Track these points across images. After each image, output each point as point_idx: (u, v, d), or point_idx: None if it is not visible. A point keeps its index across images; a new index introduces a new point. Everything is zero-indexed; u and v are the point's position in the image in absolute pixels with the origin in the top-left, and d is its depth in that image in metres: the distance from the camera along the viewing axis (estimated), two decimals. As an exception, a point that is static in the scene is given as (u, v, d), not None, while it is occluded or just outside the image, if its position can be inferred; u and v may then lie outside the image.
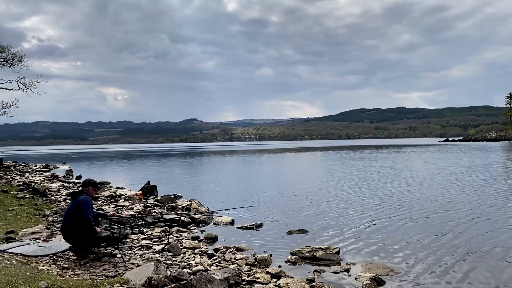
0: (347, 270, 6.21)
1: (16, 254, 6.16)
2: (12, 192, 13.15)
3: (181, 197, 13.77)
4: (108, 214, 7.18)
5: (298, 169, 29.03)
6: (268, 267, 6.18)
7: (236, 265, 6.22)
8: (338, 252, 6.90)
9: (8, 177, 19.42)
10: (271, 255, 6.86)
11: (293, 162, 37.52)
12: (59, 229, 8.34)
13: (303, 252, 6.87)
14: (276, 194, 15.12)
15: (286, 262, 6.67)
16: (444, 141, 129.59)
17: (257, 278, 5.60)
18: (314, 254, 6.76)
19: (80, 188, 6.92)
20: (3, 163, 27.13)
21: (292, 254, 6.91)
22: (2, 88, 23.78)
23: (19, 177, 20.44)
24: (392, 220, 9.93)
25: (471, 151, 49.50)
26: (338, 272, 6.14)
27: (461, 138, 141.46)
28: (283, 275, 5.81)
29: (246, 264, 6.30)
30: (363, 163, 31.16)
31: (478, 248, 7.30)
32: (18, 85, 23.71)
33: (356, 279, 5.81)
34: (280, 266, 6.31)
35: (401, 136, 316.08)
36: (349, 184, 17.51)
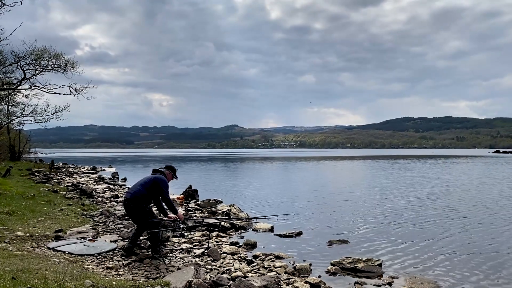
0: (390, 284, 6.01)
1: (64, 252, 6.41)
2: (61, 192, 13.76)
3: (221, 202, 13.88)
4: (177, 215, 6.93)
5: (337, 177, 28.58)
6: (307, 277, 6.09)
7: (275, 273, 6.17)
8: (380, 265, 6.70)
9: (59, 177, 20.35)
10: (310, 264, 6.76)
11: (332, 170, 37.01)
12: (104, 229, 8.64)
13: (343, 263, 6.72)
14: (316, 202, 14.94)
15: (326, 272, 6.55)
16: (494, 152, 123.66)
17: (297, 287, 5.54)
18: (355, 265, 6.60)
19: (162, 169, 7.11)
20: (54, 164, 28.46)
21: (332, 264, 6.78)
22: (56, 93, 24.98)
23: (68, 178, 21.38)
24: (436, 232, 9.55)
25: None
26: (379, 285, 5.95)
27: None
28: (322, 285, 5.71)
29: (285, 273, 6.24)
30: (400, 173, 30.26)
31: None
32: (70, 90, 24.84)
33: (399, 293, 5.62)
34: (319, 276, 6.21)
35: (448, 147, 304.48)
36: (390, 194, 17.02)
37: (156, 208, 7.04)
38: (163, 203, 6.88)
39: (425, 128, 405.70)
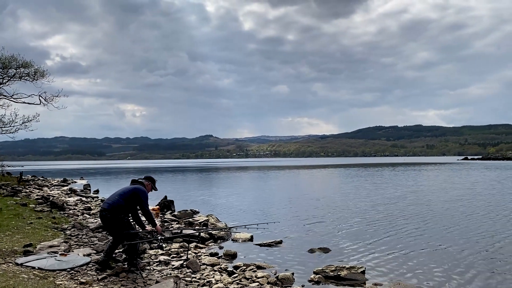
0: (374, 291, 5.92)
1: (33, 268, 6.05)
2: (30, 206, 13.18)
3: (198, 212, 13.61)
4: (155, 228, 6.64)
5: (313, 185, 28.66)
6: (290, 286, 5.95)
7: (257, 283, 5.99)
8: (363, 272, 6.62)
9: (27, 190, 19.56)
10: (293, 273, 6.60)
11: (308, 178, 37.15)
12: (77, 243, 8.26)
13: (326, 271, 6.60)
14: (295, 210, 14.85)
15: (309, 281, 6.41)
16: (463, 159, 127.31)
17: (281, 297, 5.37)
18: (339, 273, 6.49)
19: (141, 179, 6.85)
20: (23, 177, 27.43)
21: (315, 273, 6.65)
22: (24, 103, 24.18)
23: (37, 191, 20.59)
24: (417, 238, 9.59)
25: (483, 169, 48.41)
26: (364, 293, 5.86)
27: (480, 156, 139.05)
28: (307, 295, 5.56)
29: (268, 283, 6.06)
30: (373, 180, 30.65)
31: None
32: (40, 99, 24.10)
33: (384, 300, 5.52)
34: (303, 286, 6.07)
35: (418, 154, 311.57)
36: (365, 201, 17.12)
37: (132, 220, 6.75)
38: (141, 215, 6.60)
39: (396, 136, 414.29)
